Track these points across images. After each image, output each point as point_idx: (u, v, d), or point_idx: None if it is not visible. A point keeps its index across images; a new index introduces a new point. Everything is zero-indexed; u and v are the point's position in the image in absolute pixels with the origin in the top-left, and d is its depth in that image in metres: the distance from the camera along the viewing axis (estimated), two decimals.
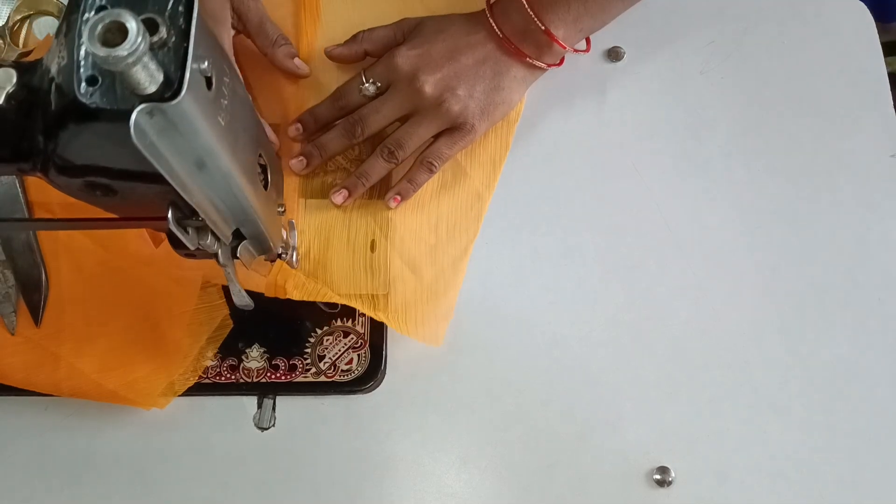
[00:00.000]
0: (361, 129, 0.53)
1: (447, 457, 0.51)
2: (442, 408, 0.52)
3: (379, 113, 0.53)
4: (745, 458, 0.52)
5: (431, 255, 0.55)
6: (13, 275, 0.52)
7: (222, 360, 0.52)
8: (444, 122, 0.53)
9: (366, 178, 0.54)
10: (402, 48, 0.54)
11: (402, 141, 0.53)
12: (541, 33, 0.53)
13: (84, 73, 0.26)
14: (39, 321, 0.52)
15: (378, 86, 0.54)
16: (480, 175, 0.57)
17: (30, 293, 0.52)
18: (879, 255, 0.56)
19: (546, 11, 0.53)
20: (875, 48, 0.61)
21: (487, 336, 0.54)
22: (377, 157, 0.54)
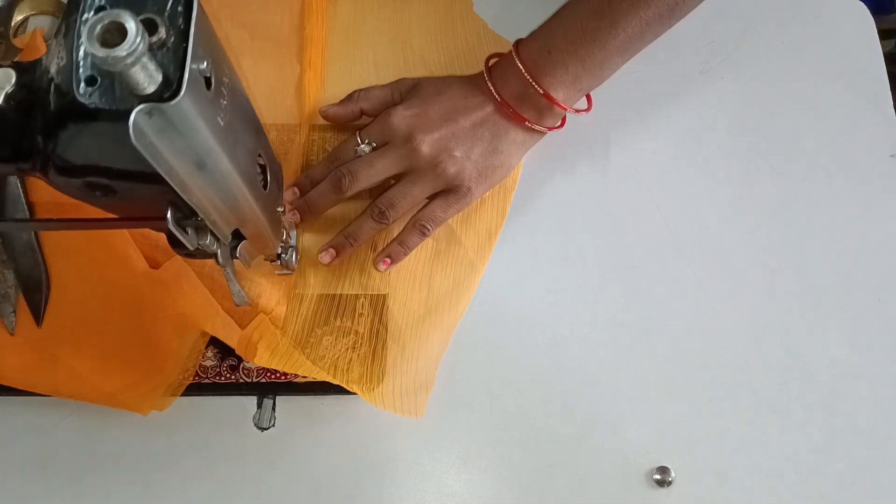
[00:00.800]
0: (349, 181, 0.52)
1: (447, 457, 0.51)
2: (442, 408, 0.52)
3: (371, 167, 0.52)
4: (745, 458, 0.52)
5: (417, 327, 0.53)
6: (14, 275, 0.52)
7: (222, 360, 0.52)
8: (440, 184, 0.52)
9: (353, 238, 0.53)
10: (398, 108, 0.53)
11: (394, 201, 0.52)
12: (540, 97, 0.52)
13: (83, 74, 0.26)
14: (41, 321, 0.52)
15: (374, 146, 0.53)
16: (475, 244, 0.55)
17: (31, 293, 0.52)
18: (879, 255, 0.56)
19: (544, 75, 0.52)
20: (875, 48, 0.61)
21: (488, 336, 0.54)
22: (367, 217, 0.53)
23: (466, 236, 0.55)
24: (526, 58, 0.52)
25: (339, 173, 0.52)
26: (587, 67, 0.52)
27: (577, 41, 0.51)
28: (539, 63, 0.52)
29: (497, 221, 0.56)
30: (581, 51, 0.51)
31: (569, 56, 0.51)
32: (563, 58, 0.51)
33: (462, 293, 0.54)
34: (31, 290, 0.52)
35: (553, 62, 0.52)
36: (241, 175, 0.34)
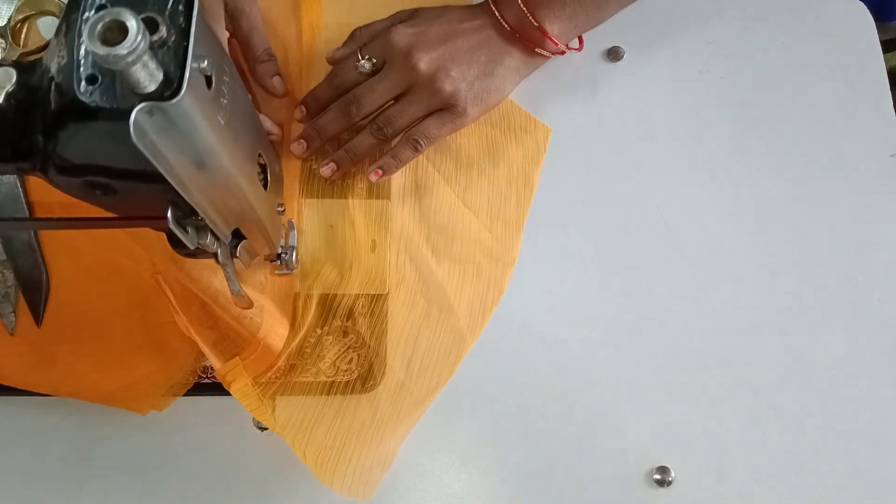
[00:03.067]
0: (357, 108, 0.53)
1: (447, 457, 0.51)
2: (442, 408, 0.52)
3: (374, 92, 0.53)
4: (745, 458, 0.52)
5: (393, 394, 0.51)
6: (14, 274, 0.52)
7: None
8: (436, 102, 0.53)
9: (353, 153, 0.54)
10: (399, 26, 0.54)
11: (391, 118, 0.53)
12: (534, 29, 0.53)
13: (84, 72, 0.26)
14: (40, 321, 0.52)
15: (373, 62, 0.54)
16: (467, 315, 0.53)
17: (31, 293, 0.52)
18: (879, 255, 0.56)
19: (541, 7, 0.53)
20: (875, 48, 0.61)
21: (488, 336, 0.54)
22: (366, 134, 0.54)
23: (460, 304, 0.54)
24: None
25: (346, 100, 0.53)
26: (584, 5, 0.54)
27: None
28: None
29: (494, 296, 0.54)
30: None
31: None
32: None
33: (446, 366, 0.52)
34: (30, 290, 0.52)
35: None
36: (241, 174, 0.34)
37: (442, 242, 0.55)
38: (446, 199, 0.56)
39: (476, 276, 0.55)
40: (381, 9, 0.58)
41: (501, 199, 0.56)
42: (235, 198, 0.36)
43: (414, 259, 0.54)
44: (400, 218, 0.55)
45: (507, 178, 0.56)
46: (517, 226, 0.56)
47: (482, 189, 0.56)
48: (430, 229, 0.55)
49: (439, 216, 0.55)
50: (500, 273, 0.55)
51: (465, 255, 0.55)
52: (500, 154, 0.57)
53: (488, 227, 0.55)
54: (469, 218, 0.55)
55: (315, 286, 0.53)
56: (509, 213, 0.56)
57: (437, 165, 0.57)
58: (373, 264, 0.54)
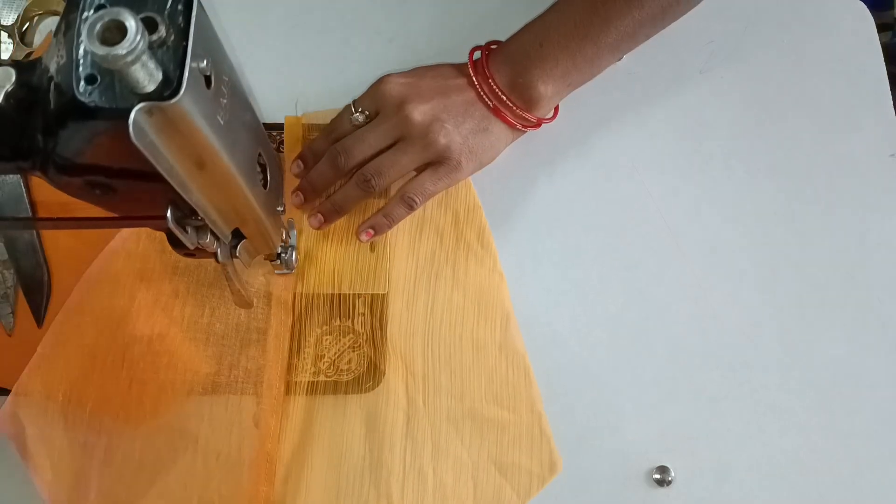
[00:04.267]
0: (345, 158, 0.52)
1: None
2: None
3: (363, 142, 0.51)
4: (745, 458, 0.52)
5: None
6: (16, 275, 0.52)
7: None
8: (430, 154, 0.51)
9: (339, 205, 0.53)
10: (391, 76, 0.53)
11: (381, 169, 0.51)
12: (527, 88, 0.52)
13: (83, 72, 0.26)
14: (41, 322, 0.52)
15: (367, 114, 0.53)
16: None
17: (32, 294, 0.52)
18: (879, 255, 0.56)
19: (533, 67, 0.52)
20: (875, 48, 0.61)
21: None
22: (352, 185, 0.52)
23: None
24: (517, 49, 0.53)
25: (335, 151, 0.52)
26: (577, 63, 0.52)
27: (568, 36, 0.52)
28: (530, 55, 0.52)
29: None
30: (572, 45, 0.52)
31: (560, 50, 0.52)
32: (553, 51, 0.52)
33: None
34: (32, 291, 0.52)
35: (544, 55, 0.52)
36: (240, 174, 0.34)
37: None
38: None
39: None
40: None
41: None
42: (235, 198, 0.36)
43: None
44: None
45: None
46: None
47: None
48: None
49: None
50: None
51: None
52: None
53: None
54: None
55: (315, 286, 0.53)
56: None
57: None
58: (372, 265, 0.54)
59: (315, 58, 0.61)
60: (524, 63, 0.52)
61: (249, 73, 0.58)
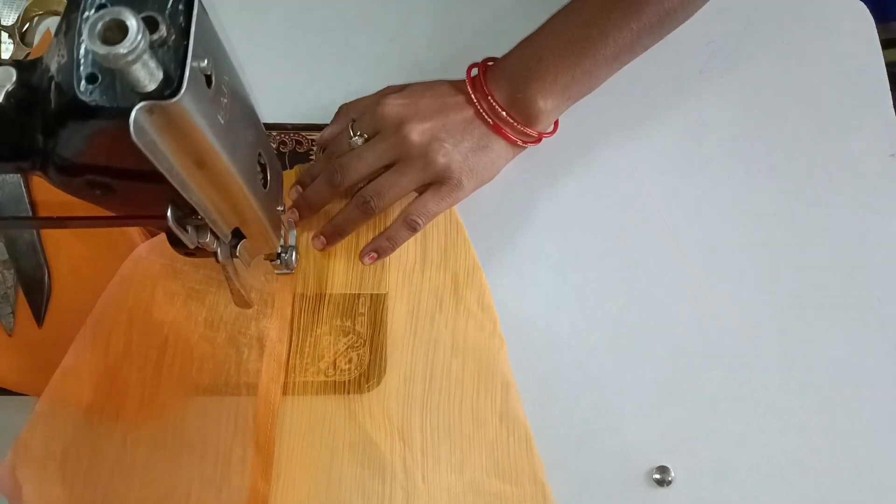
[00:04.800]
0: (341, 175, 0.51)
1: None
2: None
3: (361, 160, 0.51)
4: (745, 458, 0.52)
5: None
6: (16, 275, 0.52)
7: None
8: (430, 174, 0.51)
9: (339, 227, 0.52)
10: (389, 97, 0.52)
11: (381, 190, 0.51)
12: (528, 103, 0.52)
13: (84, 71, 0.26)
14: (42, 322, 0.52)
15: (366, 137, 0.52)
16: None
17: (33, 294, 0.52)
18: (879, 255, 0.56)
19: (533, 81, 0.51)
20: (875, 48, 0.61)
21: None
22: (352, 208, 0.51)
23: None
24: (515, 64, 0.52)
25: (331, 168, 0.51)
26: (576, 76, 0.52)
27: (567, 49, 0.51)
28: (529, 69, 0.52)
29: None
30: (571, 59, 0.51)
31: (559, 64, 0.51)
32: (552, 66, 0.51)
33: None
34: (32, 291, 0.52)
35: (543, 70, 0.51)
36: (241, 173, 0.34)
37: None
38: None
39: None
40: None
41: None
42: (235, 197, 0.36)
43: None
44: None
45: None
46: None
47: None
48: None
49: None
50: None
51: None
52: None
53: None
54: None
55: (315, 286, 0.53)
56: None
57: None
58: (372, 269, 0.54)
59: (315, 58, 0.61)
60: (523, 78, 0.52)
61: (249, 73, 0.58)
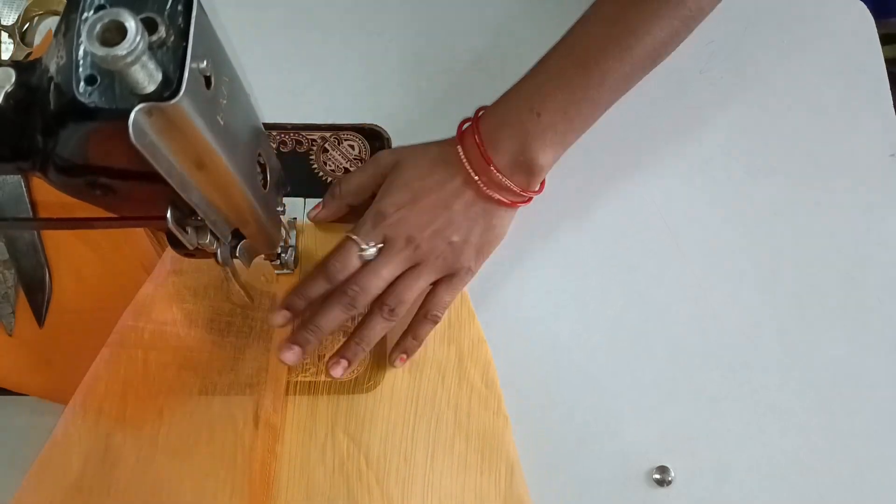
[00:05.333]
0: (364, 297, 0.49)
1: None
2: None
3: (379, 277, 0.50)
4: (745, 458, 0.52)
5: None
6: (17, 275, 0.52)
7: None
8: (443, 272, 0.52)
9: (367, 342, 0.50)
10: (387, 206, 0.51)
11: (402, 297, 0.50)
12: (530, 164, 0.51)
13: (83, 73, 0.26)
14: (42, 322, 0.52)
15: (380, 247, 0.50)
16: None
17: (33, 293, 0.52)
18: (879, 255, 0.56)
19: (534, 139, 0.50)
20: (875, 48, 0.61)
21: (487, 337, 0.53)
22: (377, 317, 0.50)
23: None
24: (513, 122, 0.51)
25: (350, 290, 0.49)
26: (575, 126, 0.51)
27: (567, 101, 0.50)
28: (528, 128, 0.50)
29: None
30: (571, 110, 0.50)
31: (559, 117, 0.50)
32: (552, 119, 0.50)
33: None
34: (33, 291, 0.52)
35: (543, 126, 0.50)
36: (240, 174, 0.34)
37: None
38: None
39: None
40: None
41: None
42: (235, 198, 0.36)
43: None
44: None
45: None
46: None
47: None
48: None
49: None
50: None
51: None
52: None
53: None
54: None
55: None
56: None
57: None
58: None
59: (315, 58, 0.61)
60: (523, 139, 0.50)
61: (249, 73, 0.58)
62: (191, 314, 0.49)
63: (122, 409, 0.48)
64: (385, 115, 0.59)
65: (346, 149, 0.58)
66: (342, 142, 0.58)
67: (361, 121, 0.58)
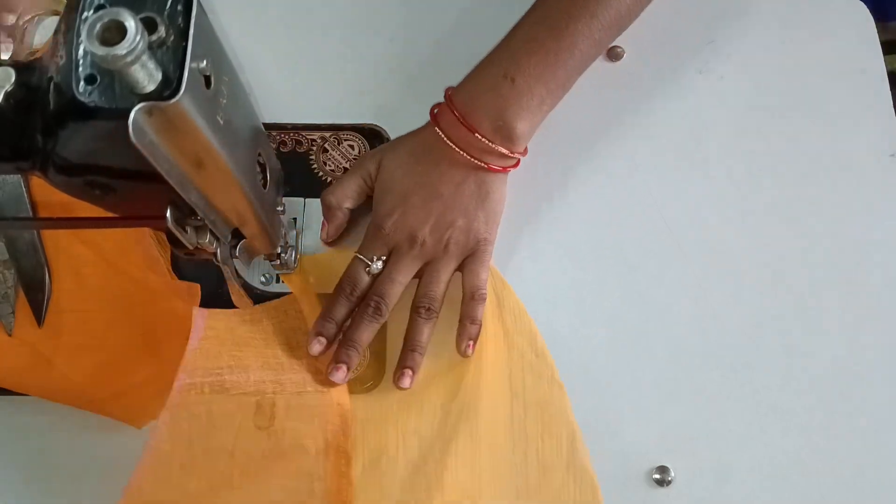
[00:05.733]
0: (386, 305, 0.51)
1: None
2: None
3: (395, 283, 0.51)
4: (745, 458, 0.52)
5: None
6: (16, 274, 0.52)
7: None
8: (462, 254, 0.52)
9: (420, 347, 0.51)
10: (381, 217, 0.51)
11: (432, 294, 0.51)
12: (510, 129, 0.51)
13: (83, 72, 0.26)
14: (42, 321, 0.52)
15: (384, 259, 0.52)
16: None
17: (33, 293, 0.52)
18: (879, 254, 0.56)
19: (510, 105, 0.50)
20: (875, 48, 0.61)
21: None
22: (414, 321, 0.51)
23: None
24: (488, 89, 0.51)
25: (372, 302, 0.50)
26: (551, 90, 0.52)
27: (540, 65, 0.50)
28: (503, 93, 0.50)
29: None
30: (546, 74, 0.51)
31: (534, 81, 0.51)
32: (528, 84, 0.50)
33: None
34: (32, 290, 0.52)
35: (518, 90, 0.50)
36: (240, 174, 0.34)
37: None
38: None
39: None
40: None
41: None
42: (235, 198, 0.36)
43: None
44: None
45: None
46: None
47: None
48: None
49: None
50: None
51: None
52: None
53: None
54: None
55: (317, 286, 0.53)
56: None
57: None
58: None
59: (315, 58, 0.61)
60: (500, 104, 0.50)
61: (249, 73, 0.58)
62: (242, 360, 0.49)
63: (191, 458, 0.47)
64: (385, 115, 0.59)
65: (346, 149, 0.58)
66: (342, 142, 0.58)
67: (361, 121, 0.59)
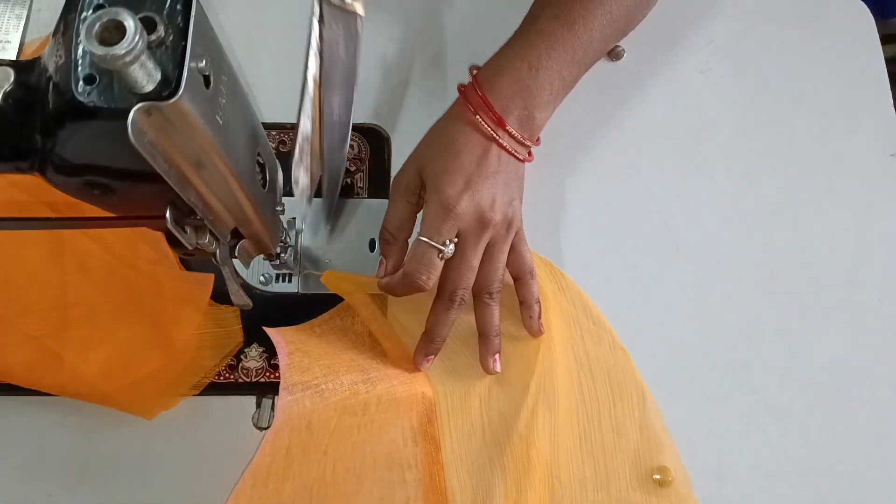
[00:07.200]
0: (463, 293, 0.50)
1: None
2: None
3: (471, 269, 0.50)
4: (746, 458, 0.52)
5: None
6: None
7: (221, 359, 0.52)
8: (511, 235, 0.52)
9: (497, 330, 0.52)
10: (449, 198, 0.50)
11: (496, 277, 0.51)
12: (532, 119, 0.52)
13: (82, 72, 0.26)
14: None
15: (456, 241, 0.50)
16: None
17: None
18: (879, 255, 0.56)
19: (533, 96, 0.51)
20: (875, 48, 0.61)
21: None
22: (487, 307, 0.51)
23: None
24: (514, 80, 0.52)
25: (454, 295, 0.50)
26: (566, 84, 0.53)
27: (560, 60, 0.52)
28: (527, 84, 0.51)
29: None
30: (564, 70, 0.52)
31: (554, 75, 0.52)
32: (548, 78, 0.52)
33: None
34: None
35: (540, 84, 0.52)
36: (239, 174, 0.34)
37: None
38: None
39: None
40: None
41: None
42: (234, 198, 0.36)
43: None
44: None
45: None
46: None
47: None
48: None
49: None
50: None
51: None
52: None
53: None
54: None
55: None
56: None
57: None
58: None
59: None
60: (523, 95, 0.51)
61: (249, 73, 0.58)
62: (332, 367, 0.49)
63: (288, 463, 0.46)
64: (385, 115, 0.59)
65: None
66: None
67: (361, 121, 0.58)
